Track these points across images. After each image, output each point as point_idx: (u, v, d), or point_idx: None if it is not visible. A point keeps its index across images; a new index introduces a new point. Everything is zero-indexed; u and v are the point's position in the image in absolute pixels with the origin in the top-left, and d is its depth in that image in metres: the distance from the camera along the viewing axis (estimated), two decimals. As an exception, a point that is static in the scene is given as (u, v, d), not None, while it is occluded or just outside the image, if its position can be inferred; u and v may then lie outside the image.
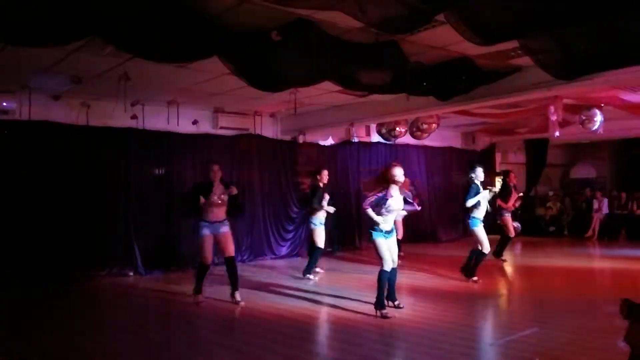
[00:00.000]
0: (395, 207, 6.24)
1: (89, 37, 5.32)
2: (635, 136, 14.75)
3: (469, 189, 8.19)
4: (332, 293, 7.66)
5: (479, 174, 8.31)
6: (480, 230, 8.18)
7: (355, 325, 5.94)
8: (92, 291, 8.30)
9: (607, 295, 7.51)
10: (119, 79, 7.51)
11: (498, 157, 16.79)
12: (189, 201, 6.95)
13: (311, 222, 8.86)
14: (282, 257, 11.48)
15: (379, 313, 6.15)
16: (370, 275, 9.19)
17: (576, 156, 18.32)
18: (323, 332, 6.08)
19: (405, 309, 6.58)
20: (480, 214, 8.17)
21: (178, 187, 10.11)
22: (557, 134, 10.09)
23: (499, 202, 9.85)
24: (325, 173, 9.00)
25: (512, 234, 10.20)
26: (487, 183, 8.79)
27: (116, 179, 9.43)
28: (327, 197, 8.84)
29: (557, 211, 15.54)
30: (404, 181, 6.42)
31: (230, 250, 7.01)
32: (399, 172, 6.20)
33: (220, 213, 6.92)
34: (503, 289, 8.28)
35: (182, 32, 5.26)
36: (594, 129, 10.51)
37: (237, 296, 6.98)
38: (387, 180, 6.22)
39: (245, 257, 10.95)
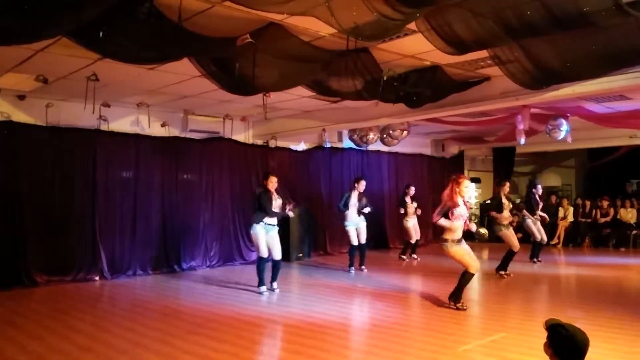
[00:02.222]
0: (463, 214, 6.78)
1: (58, 37, 5.23)
2: (600, 146, 15.14)
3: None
4: (300, 299, 7.65)
5: (538, 190, 10.84)
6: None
7: (323, 330, 5.94)
8: (55, 296, 8.09)
9: (572, 301, 7.68)
10: (88, 80, 7.40)
11: (466, 165, 17.06)
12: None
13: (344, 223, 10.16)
14: (252, 263, 11.36)
15: (454, 305, 6.85)
16: (339, 279, 9.21)
17: (542, 165, 18.71)
18: (287, 337, 6.05)
19: (373, 314, 6.60)
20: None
21: (146, 190, 9.97)
22: (522, 141, 10.32)
23: (492, 214, 9.63)
24: (362, 183, 10.23)
25: (515, 248, 9.40)
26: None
27: (83, 181, 9.22)
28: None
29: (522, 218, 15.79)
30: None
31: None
32: (467, 184, 6.83)
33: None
34: (472, 295, 8.38)
35: (153, 34, 5.19)
36: (559, 138, 10.78)
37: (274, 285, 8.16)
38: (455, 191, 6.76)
39: (214, 263, 10.85)
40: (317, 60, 6.22)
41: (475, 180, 17.08)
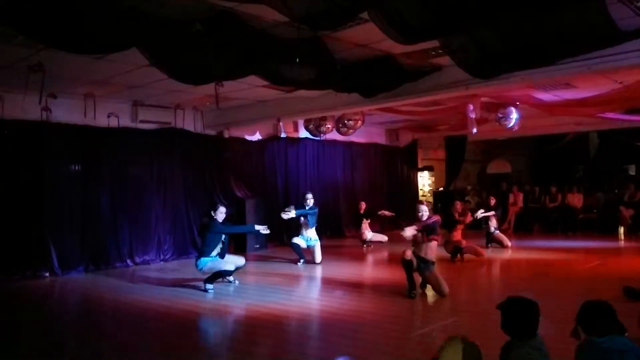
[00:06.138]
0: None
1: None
2: (548, 133, 15.60)
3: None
4: (257, 290, 7.63)
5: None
6: None
7: (280, 319, 5.94)
8: (3, 294, 7.81)
9: (522, 284, 7.91)
10: (32, 70, 7.10)
11: (420, 153, 17.32)
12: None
13: None
14: (207, 255, 11.25)
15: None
16: (295, 270, 9.24)
17: (493, 152, 19.15)
18: (243, 328, 6.02)
19: (332, 301, 6.64)
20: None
21: (96, 183, 9.70)
22: (474, 130, 10.53)
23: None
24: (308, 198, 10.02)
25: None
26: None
27: (29, 175, 8.87)
28: None
29: (475, 205, 16.16)
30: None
31: None
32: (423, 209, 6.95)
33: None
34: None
35: (100, 22, 5.02)
36: (509, 126, 11.04)
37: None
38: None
39: (167, 256, 10.65)
40: (270, 48, 6.16)
41: (428, 168, 17.38)
